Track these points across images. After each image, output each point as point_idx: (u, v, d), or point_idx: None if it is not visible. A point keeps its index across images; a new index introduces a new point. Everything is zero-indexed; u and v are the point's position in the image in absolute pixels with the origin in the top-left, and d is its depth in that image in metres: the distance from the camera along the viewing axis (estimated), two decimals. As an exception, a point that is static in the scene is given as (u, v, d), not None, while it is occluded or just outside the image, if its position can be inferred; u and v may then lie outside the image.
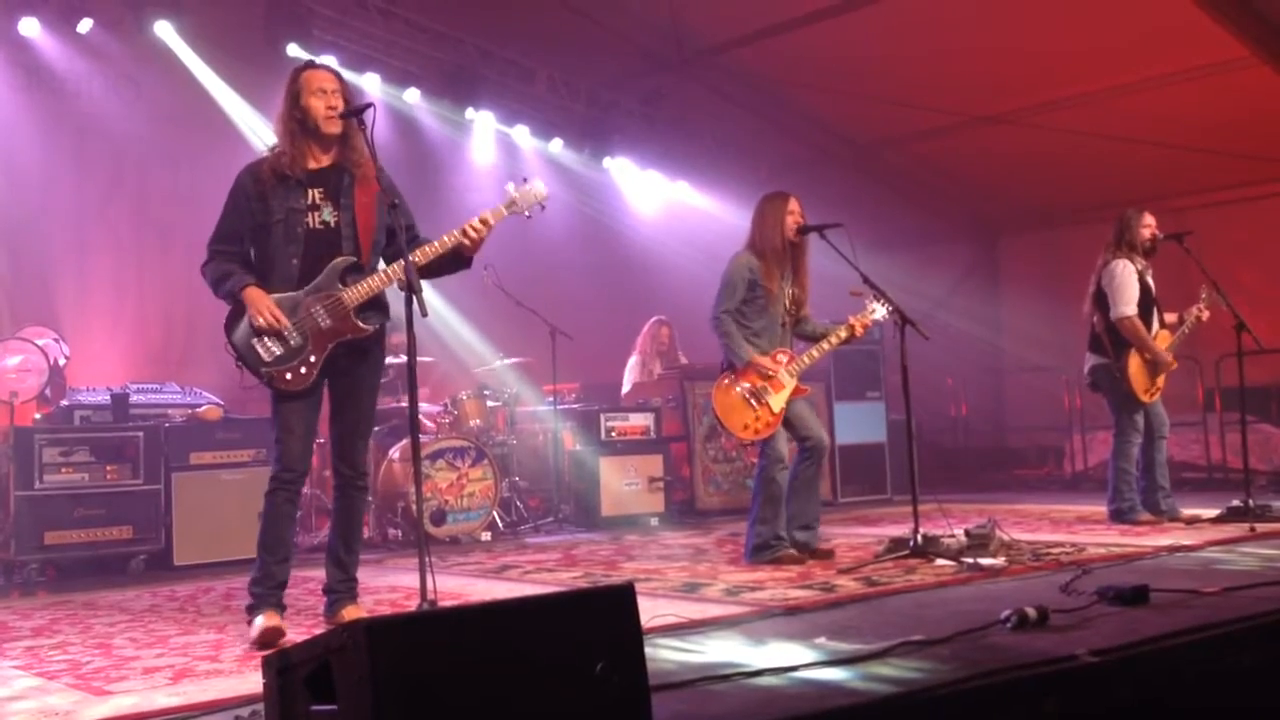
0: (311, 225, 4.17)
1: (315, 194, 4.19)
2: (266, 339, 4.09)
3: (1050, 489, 10.50)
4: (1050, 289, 12.26)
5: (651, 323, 9.79)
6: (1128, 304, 6.62)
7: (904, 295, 5.74)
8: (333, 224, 4.19)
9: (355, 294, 4.17)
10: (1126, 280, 6.64)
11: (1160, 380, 6.74)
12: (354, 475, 4.34)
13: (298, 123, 4.19)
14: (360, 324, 4.20)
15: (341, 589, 4.30)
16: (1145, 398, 6.68)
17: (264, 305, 4.08)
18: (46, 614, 4.94)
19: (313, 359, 4.13)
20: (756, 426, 5.61)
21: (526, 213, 4.37)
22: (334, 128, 4.19)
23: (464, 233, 4.22)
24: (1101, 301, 6.76)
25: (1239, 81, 9.19)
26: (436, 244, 4.22)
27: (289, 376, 4.11)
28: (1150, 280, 6.78)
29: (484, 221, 4.25)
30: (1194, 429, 9.60)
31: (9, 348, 6.71)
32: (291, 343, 4.11)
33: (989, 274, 13.38)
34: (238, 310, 4.15)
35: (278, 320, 4.07)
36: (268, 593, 4.16)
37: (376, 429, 7.84)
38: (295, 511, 4.34)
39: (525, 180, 4.42)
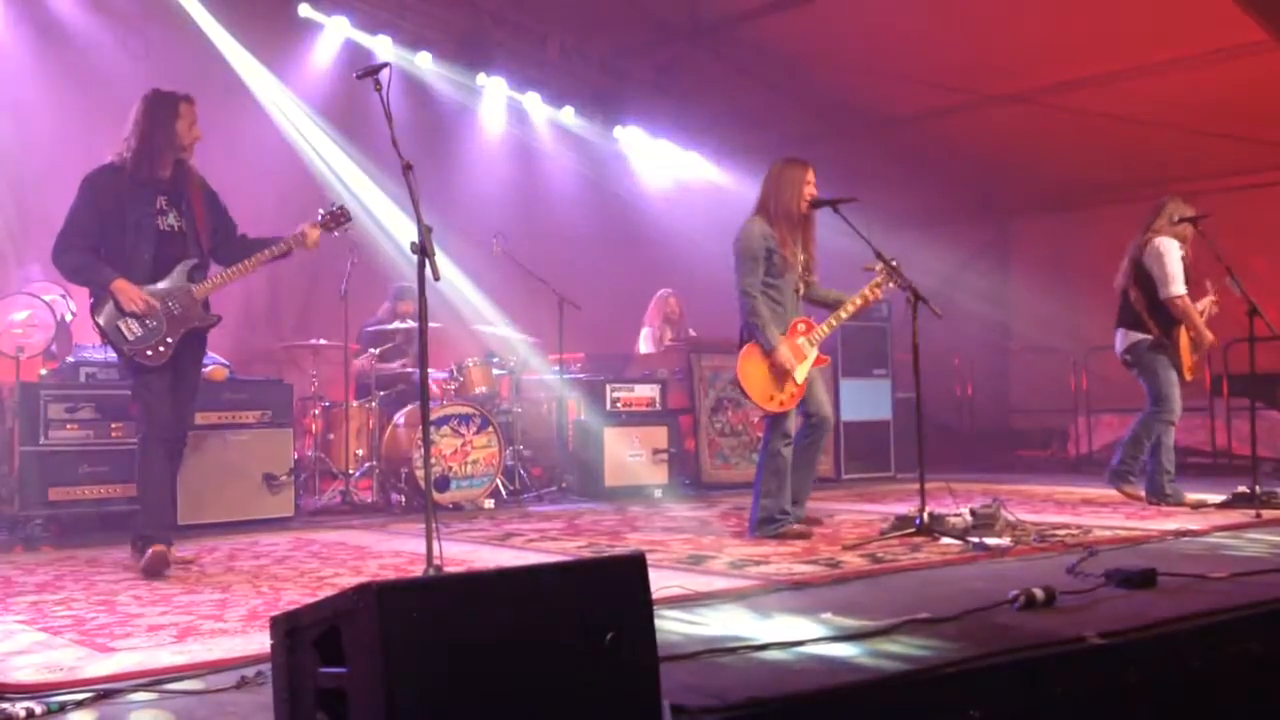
0: (161, 227, 4.92)
1: (162, 200, 4.94)
2: (131, 321, 4.79)
3: (1054, 471, 10.49)
4: (1061, 271, 12.23)
5: (659, 295, 9.79)
6: (1178, 284, 6.58)
7: (912, 273, 5.68)
8: (177, 228, 4.96)
9: (203, 289, 5.00)
10: (1176, 259, 6.61)
11: (1198, 357, 6.78)
12: (183, 438, 5.10)
13: (164, 141, 4.88)
14: (207, 315, 5.03)
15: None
16: (1189, 375, 6.72)
17: (135, 294, 4.80)
18: (50, 569, 4.95)
19: (169, 340, 4.87)
20: (782, 398, 5.54)
21: (336, 232, 5.26)
22: (193, 155, 5.00)
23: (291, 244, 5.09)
24: (1143, 279, 6.72)
25: (1255, 65, 9.10)
26: (267, 253, 5.05)
27: (149, 354, 4.82)
28: (1187, 260, 6.76)
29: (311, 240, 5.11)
30: (1200, 414, 9.60)
31: (16, 303, 6.69)
32: (150, 326, 4.83)
33: (999, 255, 13.31)
34: (101, 296, 4.80)
35: (150, 306, 4.80)
36: (162, 532, 4.85)
37: (383, 393, 7.87)
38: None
39: (334, 204, 5.29)
